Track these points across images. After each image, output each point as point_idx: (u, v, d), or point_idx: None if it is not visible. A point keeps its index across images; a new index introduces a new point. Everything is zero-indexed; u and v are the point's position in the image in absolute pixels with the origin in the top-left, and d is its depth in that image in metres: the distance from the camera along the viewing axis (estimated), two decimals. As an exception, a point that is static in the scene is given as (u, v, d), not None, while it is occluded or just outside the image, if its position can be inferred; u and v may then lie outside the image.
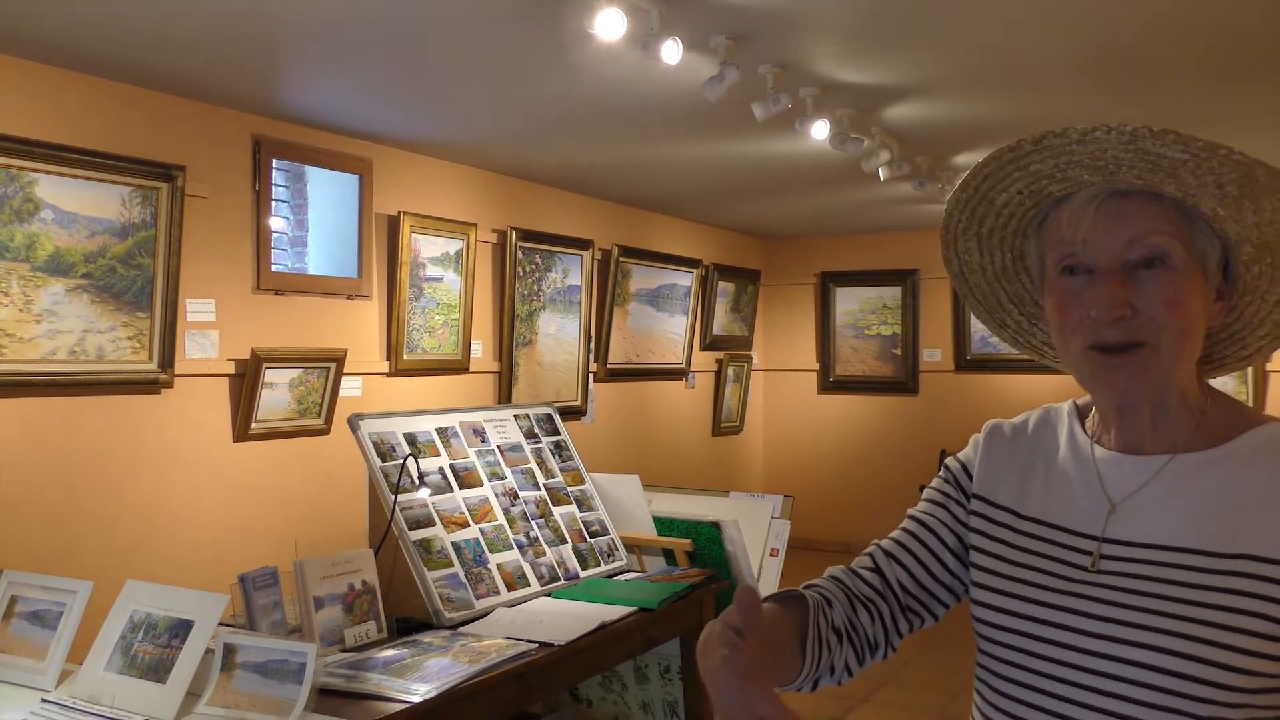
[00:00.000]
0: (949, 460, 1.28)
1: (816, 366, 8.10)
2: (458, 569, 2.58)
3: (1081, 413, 1.19)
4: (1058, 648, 1.06)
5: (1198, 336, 1.06)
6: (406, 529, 2.54)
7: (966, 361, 7.57)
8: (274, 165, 4.15)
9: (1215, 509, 1.03)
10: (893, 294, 7.80)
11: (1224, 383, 6.54)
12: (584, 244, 5.90)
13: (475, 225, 5.03)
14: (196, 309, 3.84)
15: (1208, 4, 2.89)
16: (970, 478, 1.23)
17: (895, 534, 1.29)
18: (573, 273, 5.86)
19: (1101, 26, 3.09)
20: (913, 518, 1.28)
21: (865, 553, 1.29)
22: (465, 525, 2.70)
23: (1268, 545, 0.99)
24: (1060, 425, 1.20)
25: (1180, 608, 1.00)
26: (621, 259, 6.25)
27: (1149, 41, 3.23)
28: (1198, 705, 0.98)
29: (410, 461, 2.64)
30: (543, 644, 2.32)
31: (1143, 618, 1.01)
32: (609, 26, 2.76)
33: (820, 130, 3.88)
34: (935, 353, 7.70)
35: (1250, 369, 6.44)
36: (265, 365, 3.96)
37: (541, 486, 3.01)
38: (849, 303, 7.96)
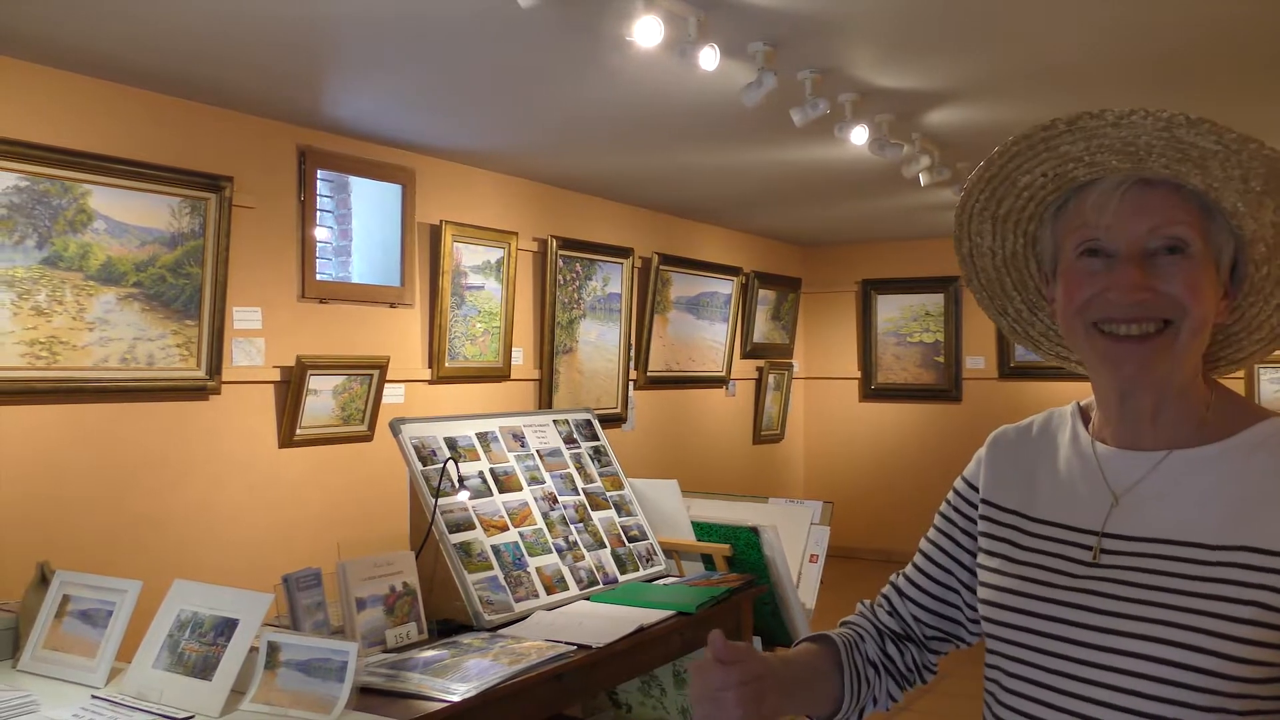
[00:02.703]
0: (956, 482, 1.29)
1: (858, 374, 8.06)
2: (497, 572, 2.60)
3: (1084, 413, 1.20)
4: (1062, 643, 1.07)
5: (1208, 329, 1.07)
6: (447, 532, 2.57)
7: (1010, 369, 7.49)
8: (319, 176, 4.22)
9: (1213, 503, 1.03)
10: (935, 301, 7.74)
11: (1275, 390, 6.43)
12: (624, 252, 5.92)
13: (516, 234, 5.07)
14: (243, 317, 3.91)
15: (1264, 8, 2.85)
16: (976, 490, 1.25)
17: (908, 569, 1.32)
18: (613, 281, 5.88)
19: (1146, 29, 3.06)
20: (922, 551, 1.31)
21: (882, 592, 1.34)
22: (505, 529, 2.72)
23: (1266, 537, 0.99)
24: (1064, 426, 1.20)
25: (1179, 599, 1.00)
26: (661, 267, 6.26)
27: (1197, 43, 3.19)
28: (1199, 695, 0.98)
29: (450, 465, 2.67)
30: (581, 646, 2.33)
31: (1143, 610, 1.02)
32: (647, 34, 2.78)
33: (859, 136, 3.87)
34: (979, 360, 7.63)
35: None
36: (310, 372, 4.02)
37: (580, 491, 3.02)
38: (890, 310, 7.92)
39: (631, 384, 6.11)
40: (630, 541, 3.04)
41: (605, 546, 2.95)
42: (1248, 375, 6.46)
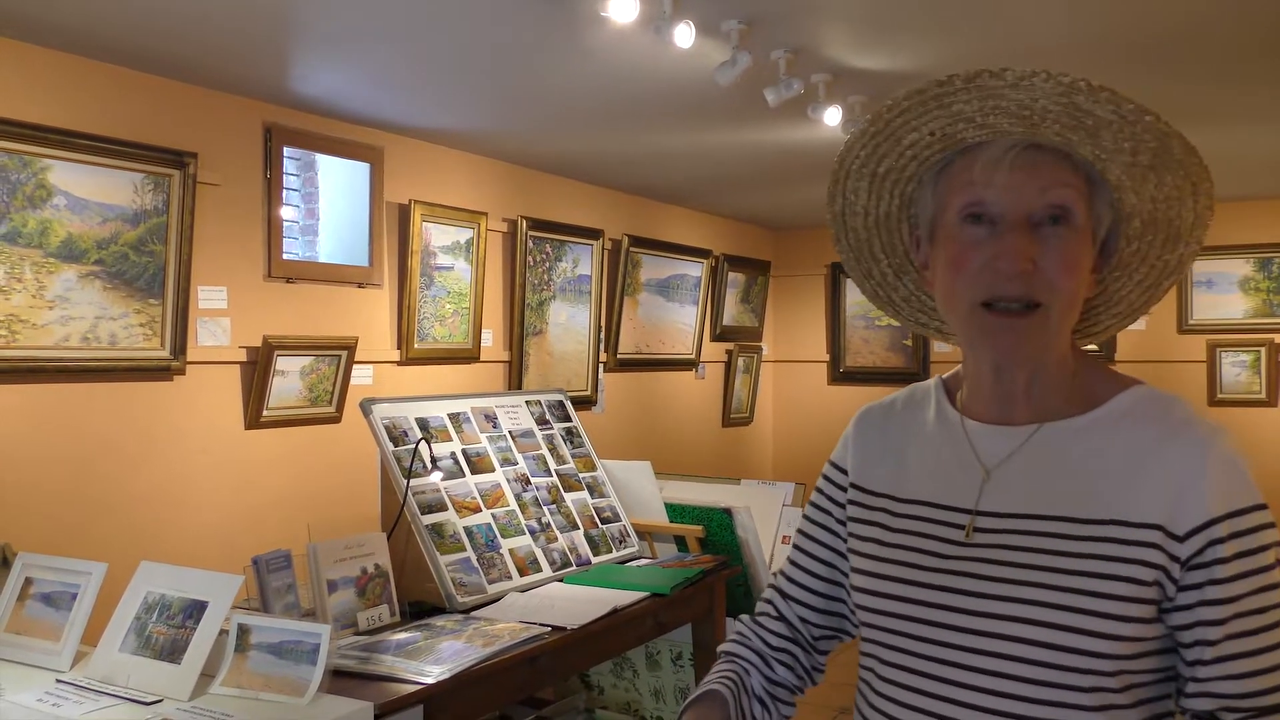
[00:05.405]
0: (825, 467, 1.27)
1: (827, 357, 8.08)
2: (470, 553, 2.58)
3: (949, 388, 1.18)
4: (935, 627, 1.05)
5: (1079, 305, 1.07)
6: (419, 513, 2.54)
7: (977, 352, 7.54)
8: (285, 153, 4.14)
9: (1082, 476, 1.03)
10: (903, 285, 7.77)
11: (1237, 374, 6.51)
12: (594, 234, 5.89)
13: (486, 214, 5.02)
14: (208, 296, 3.84)
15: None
16: (844, 472, 1.23)
17: (787, 566, 1.29)
18: (583, 262, 5.85)
19: (1134, 10, 3.05)
20: (798, 546, 1.28)
21: (763, 597, 1.31)
22: (477, 510, 2.70)
23: (1134, 510, 0.99)
24: (928, 403, 1.19)
25: (1052, 576, 0.99)
26: (631, 249, 6.24)
27: (1191, 25, 3.19)
28: (1076, 675, 0.97)
29: (423, 446, 2.64)
30: (555, 628, 2.32)
31: (1017, 589, 1.00)
32: (622, 9, 2.75)
33: (833, 117, 3.86)
34: (946, 344, 7.67)
35: (1264, 358, 6.41)
36: (277, 353, 3.96)
37: (553, 472, 3.01)
38: (859, 293, 7.92)
39: (601, 366, 6.08)
40: (603, 523, 3.02)
41: (578, 528, 2.93)
42: (1210, 358, 6.52)
